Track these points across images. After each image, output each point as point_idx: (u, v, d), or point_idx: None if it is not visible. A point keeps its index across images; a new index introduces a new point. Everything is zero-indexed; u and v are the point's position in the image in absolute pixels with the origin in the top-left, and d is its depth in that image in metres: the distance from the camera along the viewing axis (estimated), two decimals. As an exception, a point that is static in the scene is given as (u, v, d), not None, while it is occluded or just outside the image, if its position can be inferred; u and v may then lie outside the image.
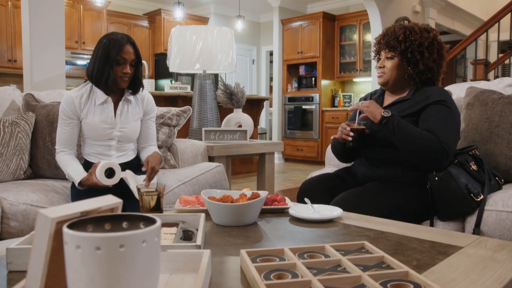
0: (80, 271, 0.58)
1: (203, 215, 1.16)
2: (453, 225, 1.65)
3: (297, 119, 7.32)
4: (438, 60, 1.78)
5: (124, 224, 0.69)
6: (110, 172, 1.64)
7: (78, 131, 1.85)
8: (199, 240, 0.94)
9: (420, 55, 1.73)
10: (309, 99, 7.20)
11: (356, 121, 1.75)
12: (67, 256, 0.59)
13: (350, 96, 7.23)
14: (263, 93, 8.60)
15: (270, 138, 8.10)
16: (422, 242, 1.07)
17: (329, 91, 7.27)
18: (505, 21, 4.13)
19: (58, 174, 2.20)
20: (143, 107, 1.96)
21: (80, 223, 0.65)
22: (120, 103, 1.87)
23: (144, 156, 1.96)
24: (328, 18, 7.08)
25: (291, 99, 7.47)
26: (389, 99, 1.87)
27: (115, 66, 1.76)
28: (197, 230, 1.08)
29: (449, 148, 1.61)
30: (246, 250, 0.89)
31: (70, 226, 0.62)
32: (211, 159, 2.65)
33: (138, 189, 1.30)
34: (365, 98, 1.99)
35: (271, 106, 8.02)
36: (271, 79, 8.68)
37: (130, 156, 1.96)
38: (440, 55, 1.79)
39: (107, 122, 1.83)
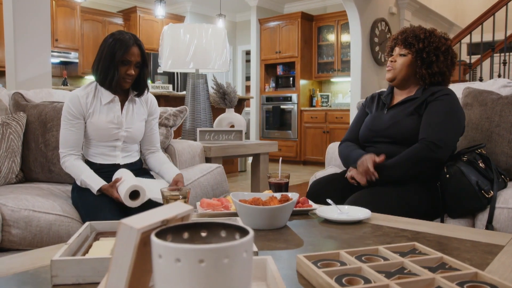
0: (178, 286, 0.53)
1: (239, 219, 1.12)
2: (463, 222, 1.68)
3: (275, 119, 7.33)
4: (450, 67, 1.83)
5: (203, 233, 0.65)
6: (134, 194, 1.58)
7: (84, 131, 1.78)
8: (254, 246, 0.90)
9: (436, 57, 1.78)
10: (287, 99, 7.22)
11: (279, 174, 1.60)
12: (162, 269, 0.54)
13: (328, 96, 7.30)
14: (239, 93, 8.54)
15: (248, 138, 8.07)
16: (462, 241, 1.08)
17: (307, 91, 7.32)
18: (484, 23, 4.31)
19: (51, 178, 2.09)
20: (147, 108, 1.92)
21: (161, 233, 0.61)
22: (126, 103, 1.82)
23: (156, 165, 1.92)
24: (306, 18, 7.12)
25: (268, 99, 7.48)
26: (398, 97, 1.90)
27: (120, 67, 1.72)
28: (237, 235, 1.05)
29: (436, 140, 1.65)
30: (303, 255, 0.86)
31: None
32: (207, 160, 2.60)
33: (162, 193, 1.25)
34: (372, 97, 2.00)
35: (248, 106, 7.98)
36: (247, 78, 8.65)
37: (134, 158, 1.90)
38: (452, 63, 1.85)
39: (113, 122, 1.77)
